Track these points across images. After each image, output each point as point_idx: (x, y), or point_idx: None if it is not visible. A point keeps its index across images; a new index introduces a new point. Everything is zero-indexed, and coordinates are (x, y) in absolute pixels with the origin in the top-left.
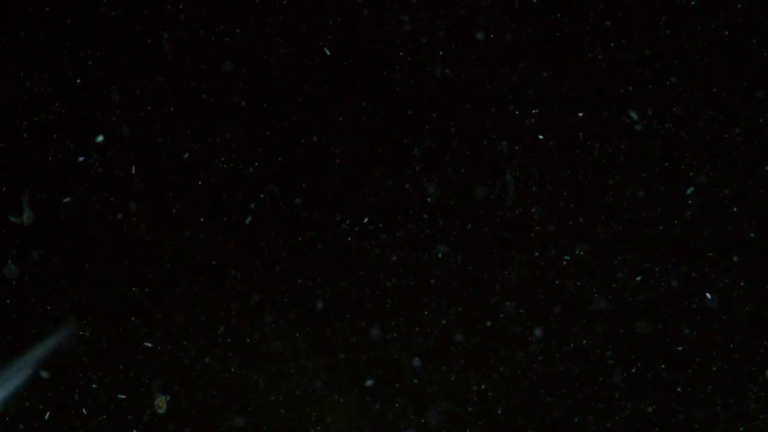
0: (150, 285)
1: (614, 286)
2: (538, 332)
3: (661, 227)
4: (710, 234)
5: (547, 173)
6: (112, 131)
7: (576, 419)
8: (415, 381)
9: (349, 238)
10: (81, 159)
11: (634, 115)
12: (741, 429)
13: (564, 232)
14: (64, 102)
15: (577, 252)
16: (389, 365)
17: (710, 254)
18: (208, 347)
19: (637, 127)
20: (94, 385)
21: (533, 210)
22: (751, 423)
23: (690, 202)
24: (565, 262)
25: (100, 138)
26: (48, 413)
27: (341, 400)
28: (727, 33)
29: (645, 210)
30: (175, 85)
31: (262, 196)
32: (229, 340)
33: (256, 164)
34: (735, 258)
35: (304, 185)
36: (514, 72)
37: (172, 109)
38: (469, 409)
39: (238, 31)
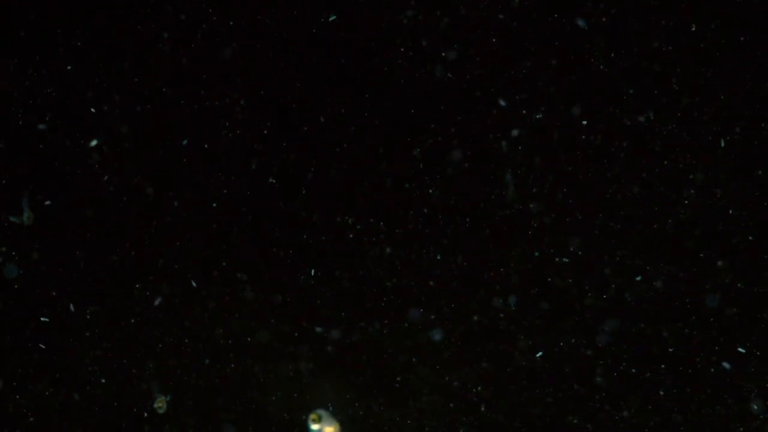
0: (150, 284)
1: (612, 286)
2: (528, 330)
3: (660, 227)
4: (708, 235)
5: (547, 174)
6: (112, 131)
7: (563, 419)
8: (398, 379)
9: (350, 236)
10: (81, 158)
11: (635, 117)
12: (741, 429)
13: (563, 232)
14: (65, 101)
15: (577, 252)
16: (390, 365)
17: (709, 255)
18: (208, 347)
19: (638, 128)
20: (94, 386)
21: (532, 209)
22: (751, 423)
23: (687, 202)
24: (563, 261)
25: (94, 142)
26: (48, 413)
27: (342, 400)
28: (727, 33)
29: (644, 210)
30: (175, 84)
31: (262, 195)
32: (229, 340)
33: (255, 164)
34: (734, 259)
35: (303, 185)
36: (515, 72)
37: (172, 109)
38: (451, 405)
39: (235, 26)
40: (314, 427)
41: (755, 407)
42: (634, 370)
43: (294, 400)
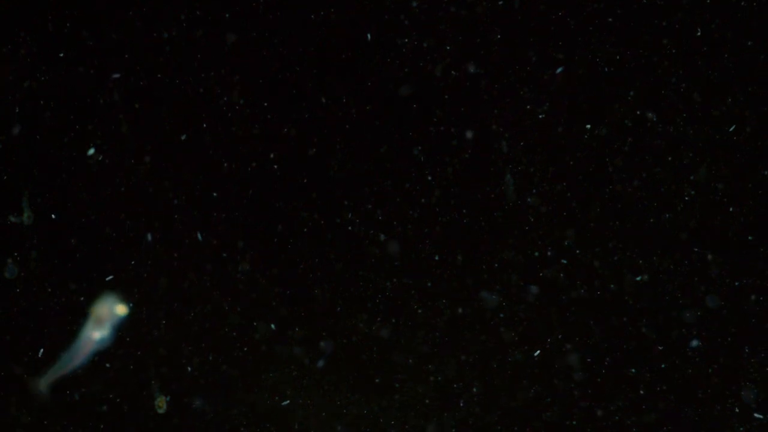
0: (150, 284)
1: (611, 286)
2: (519, 327)
3: (659, 227)
4: (708, 234)
5: (549, 173)
6: (112, 131)
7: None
8: (378, 380)
9: (349, 237)
10: (81, 158)
11: (636, 117)
12: (741, 429)
13: (563, 232)
14: (65, 101)
15: (577, 252)
16: (390, 365)
17: (707, 255)
18: (208, 347)
19: (640, 128)
20: (93, 385)
21: (533, 209)
22: (751, 423)
23: (687, 198)
24: (563, 262)
25: (92, 150)
26: (47, 414)
27: (341, 401)
28: (727, 33)
29: (644, 210)
30: (175, 84)
31: (260, 193)
32: (231, 337)
33: (255, 163)
34: (733, 258)
35: (303, 184)
36: (517, 70)
37: (172, 109)
38: (427, 401)
39: (233, 22)
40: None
41: (753, 407)
42: (618, 368)
43: (293, 398)
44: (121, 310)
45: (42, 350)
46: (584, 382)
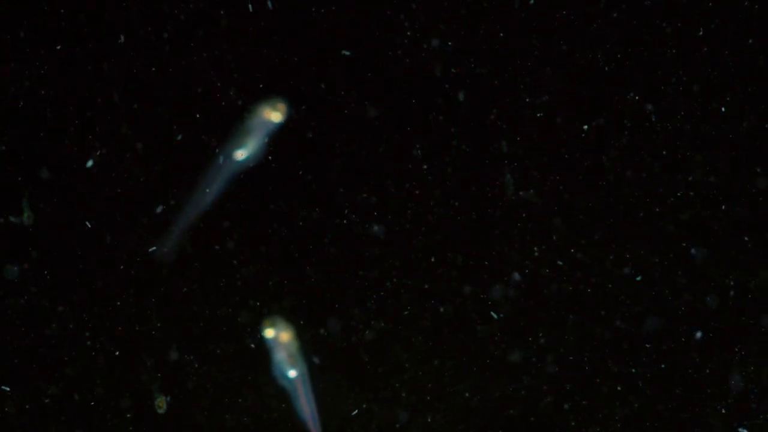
0: (150, 284)
1: (610, 286)
2: (516, 327)
3: (657, 227)
4: (705, 234)
5: (549, 173)
6: (112, 131)
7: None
8: (377, 380)
9: (348, 238)
10: (81, 158)
11: (637, 115)
12: (739, 429)
13: (563, 232)
14: (64, 101)
15: (577, 254)
16: (390, 365)
17: (704, 253)
18: (208, 347)
19: (640, 126)
20: (93, 386)
21: (532, 210)
22: (751, 423)
23: (683, 195)
24: (561, 263)
25: (90, 163)
26: (47, 414)
27: (339, 400)
28: (727, 33)
29: (641, 207)
30: (175, 84)
31: (258, 193)
32: (230, 335)
33: (254, 162)
34: (733, 257)
35: (302, 184)
36: (516, 72)
37: (172, 108)
38: (428, 400)
39: (230, 21)
40: (269, 334)
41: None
42: (617, 368)
43: (292, 398)
44: (275, 117)
45: (41, 350)
46: (587, 381)
